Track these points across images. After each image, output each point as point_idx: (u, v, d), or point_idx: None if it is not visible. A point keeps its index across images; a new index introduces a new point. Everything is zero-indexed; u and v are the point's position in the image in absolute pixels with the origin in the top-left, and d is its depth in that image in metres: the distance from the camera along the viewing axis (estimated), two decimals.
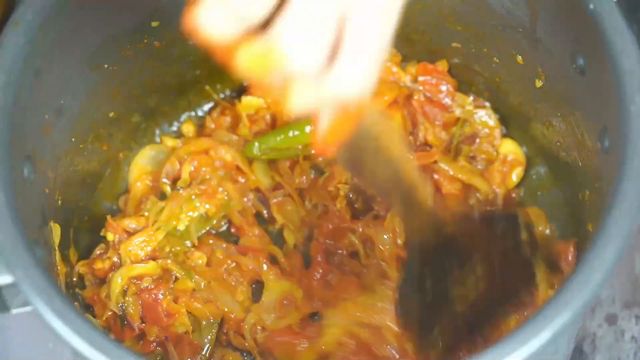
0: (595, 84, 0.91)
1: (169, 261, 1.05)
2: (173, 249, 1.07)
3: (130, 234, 1.07)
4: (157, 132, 1.19)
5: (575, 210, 1.07)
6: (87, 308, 1.07)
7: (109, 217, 1.08)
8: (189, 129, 1.18)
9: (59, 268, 1.01)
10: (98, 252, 1.08)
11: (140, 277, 1.04)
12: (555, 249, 1.01)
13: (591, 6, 0.88)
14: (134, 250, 1.05)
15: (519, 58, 1.08)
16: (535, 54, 1.03)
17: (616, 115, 0.84)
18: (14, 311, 0.85)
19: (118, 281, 1.04)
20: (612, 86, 0.85)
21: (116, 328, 1.05)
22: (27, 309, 0.83)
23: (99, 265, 1.06)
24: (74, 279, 1.07)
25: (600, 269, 0.78)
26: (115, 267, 1.06)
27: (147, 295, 1.04)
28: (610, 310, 1.15)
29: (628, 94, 0.84)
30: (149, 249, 1.06)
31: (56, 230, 1.01)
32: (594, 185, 0.96)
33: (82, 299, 1.06)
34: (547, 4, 0.97)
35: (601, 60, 0.87)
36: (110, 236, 1.07)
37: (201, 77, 1.18)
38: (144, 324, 1.05)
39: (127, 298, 1.04)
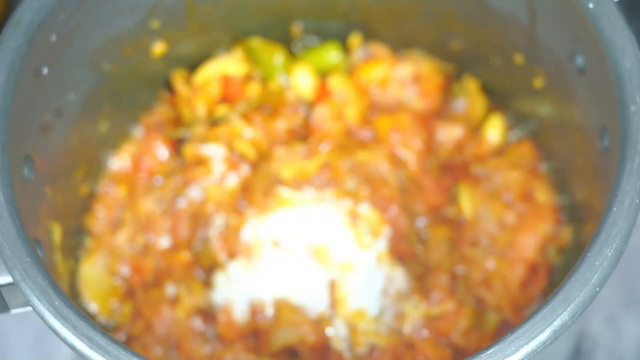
0: (595, 83, 0.91)
1: None
2: None
3: None
4: None
5: (575, 211, 1.07)
6: None
7: None
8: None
9: (59, 268, 1.01)
10: None
11: None
12: None
13: (590, 5, 0.88)
14: None
15: (519, 58, 1.08)
16: (535, 54, 1.03)
17: (616, 115, 0.84)
18: (14, 311, 0.85)
19: None
20: (612, 86, 0.85)
21: None
22: (27, 309, 0.83)
23: None
24: None
25: (600, 269, 0.78)
26: None
27: None
28: (610, 310, 1.15)
29: (628, 94, 0.84)
30: None
31: (56, 230, 1.01)
32: (594, 185, 0.96)
33: None
34: (547, 4, 0.97)
35: (601, 60, 0.87)
36: None
37: None
38: None
39: None
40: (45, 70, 0.94)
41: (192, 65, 1.17)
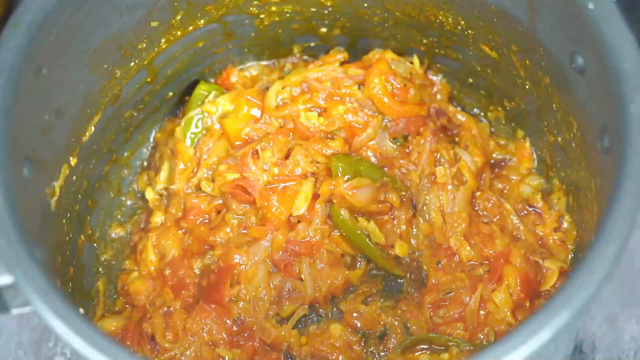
0: (595, 84, 0.91)
1: None
2: None
3: None
4: (154, 132, 1.21)
5: (575, 211, 1.07)
6: None
7: None
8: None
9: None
10: None
11: None
12: None
13: (590, 6, 0.88)
14: None
15: (519, 58, 1.08)
16: (535, 54, 1.03)
17: (616, 115, 0.84)
18: (14, 311, 0.85)
19: None
20: (611, 86, 0.85)
21: None
22: (27, 309, 0.83)
23: None
24: None
25: (600, 269, 0.78)
26: None
27: None
28: (610, 310, 1.15)
29: (628, 94, 0.84)
30: None
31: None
32: (593, 185, 0.96)
33: None
34: (547, 4, 0.97)
35: (600, 60, 0.87)
36: None
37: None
38: None
39: None
40: (45, 70, 0.94)
41: None
